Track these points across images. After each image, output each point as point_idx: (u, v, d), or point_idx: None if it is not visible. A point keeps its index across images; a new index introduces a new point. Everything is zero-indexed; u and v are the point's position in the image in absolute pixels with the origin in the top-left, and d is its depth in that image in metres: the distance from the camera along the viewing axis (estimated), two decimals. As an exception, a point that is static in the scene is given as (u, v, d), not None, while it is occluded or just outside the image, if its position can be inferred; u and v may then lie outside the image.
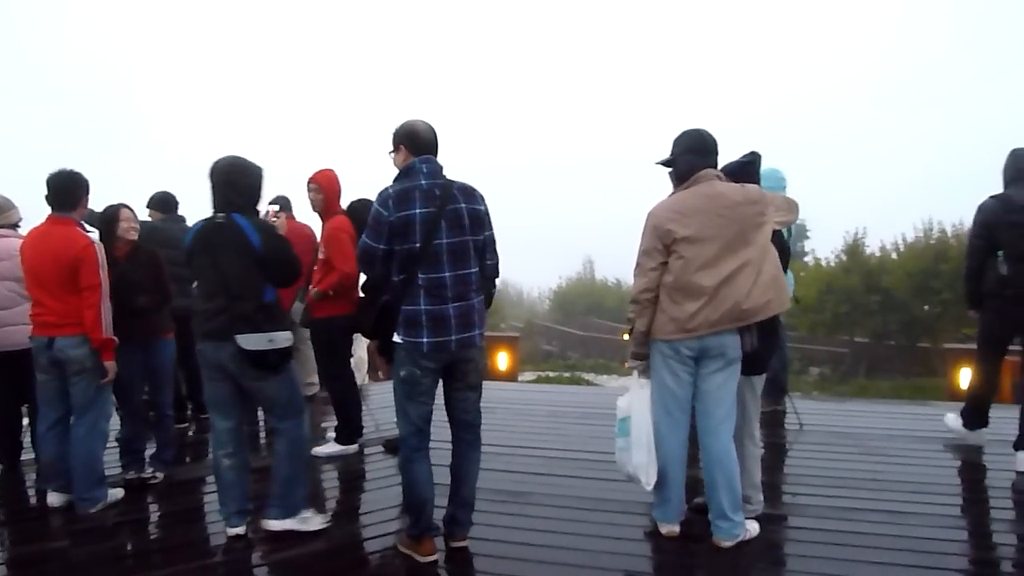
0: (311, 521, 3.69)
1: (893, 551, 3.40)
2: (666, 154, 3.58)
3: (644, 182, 3.62)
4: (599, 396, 6.73)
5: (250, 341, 3.41)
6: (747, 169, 3.63)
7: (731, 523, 3.41)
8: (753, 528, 3.56)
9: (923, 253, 18.96)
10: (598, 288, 39.22)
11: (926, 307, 18.37)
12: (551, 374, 17.20)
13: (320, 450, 5.01)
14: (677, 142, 3.54)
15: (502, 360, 9.46)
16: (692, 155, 3.47)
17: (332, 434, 5.20)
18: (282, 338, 3.52)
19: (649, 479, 3.50)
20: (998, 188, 4.79)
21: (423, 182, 3.21)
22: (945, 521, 3.80)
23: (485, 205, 3.36)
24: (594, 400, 6.59)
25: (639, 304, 3.46)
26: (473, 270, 3.28)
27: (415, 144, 3.29)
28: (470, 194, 3.30)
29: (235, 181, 3.55)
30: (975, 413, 5.06)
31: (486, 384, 3.63)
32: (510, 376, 9.42)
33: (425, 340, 3.17)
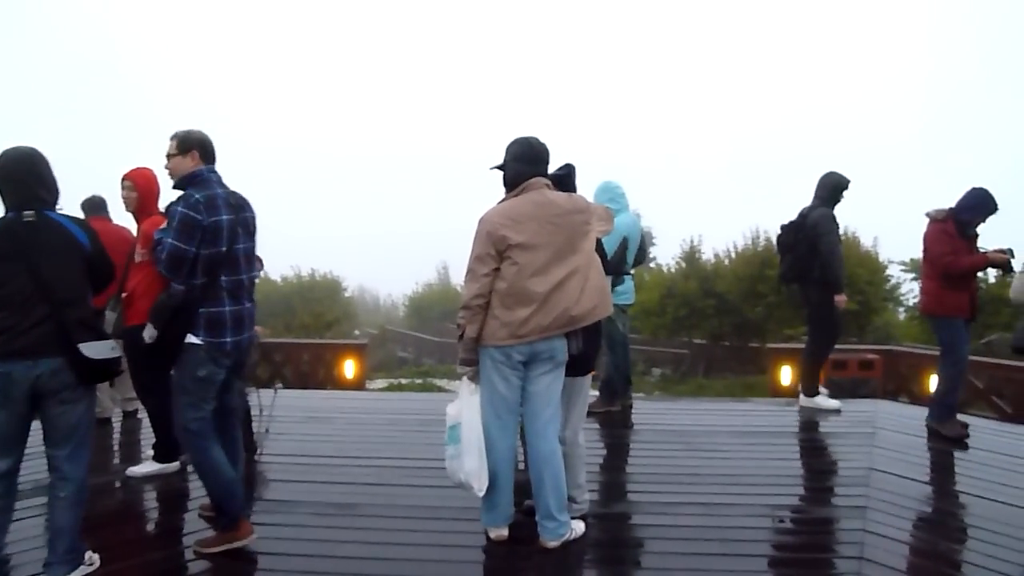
0: (92, 557, 3.26)
1: (706, 541, 3.60)
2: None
3: (498, 187, 3.63)
4: (441, 402, 6.68)
5: (95, 349, 3.07)
6: (564, 182, 3.73)
7: (557, 523, 3.48)
8: (579, 527, 3.64)
9: (751, 260, 20.31)
10: (453, 294, 39.22)
11: (757, 309, 19.69)
12: (403, 381, 17.00)
13: (136, 470, 4.66)
14: (508, 149, 3.59)
15: (348, 368, 9.21)
16: (520, 163, 3.53)
17: (151, 452, 4.85)
18: (118, 347, 3.27)
19: (481, 485, 3.50)
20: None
21: (219, 190, 3.41)
22: (755, 510, 4.04)
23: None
24: (436, 407, 6.49)
25: (470, 310, 3.46)
26: (258, 273, 3.61)
27: (206, 152, 3.49)
28: (249, 204, 3.58)
29: (42, 174, 3.15)
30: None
31: (327, 394, 3.54)
32: (357, 384, 9.19)
33: (228, 340, 3.37)
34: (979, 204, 5.33)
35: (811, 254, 6.01)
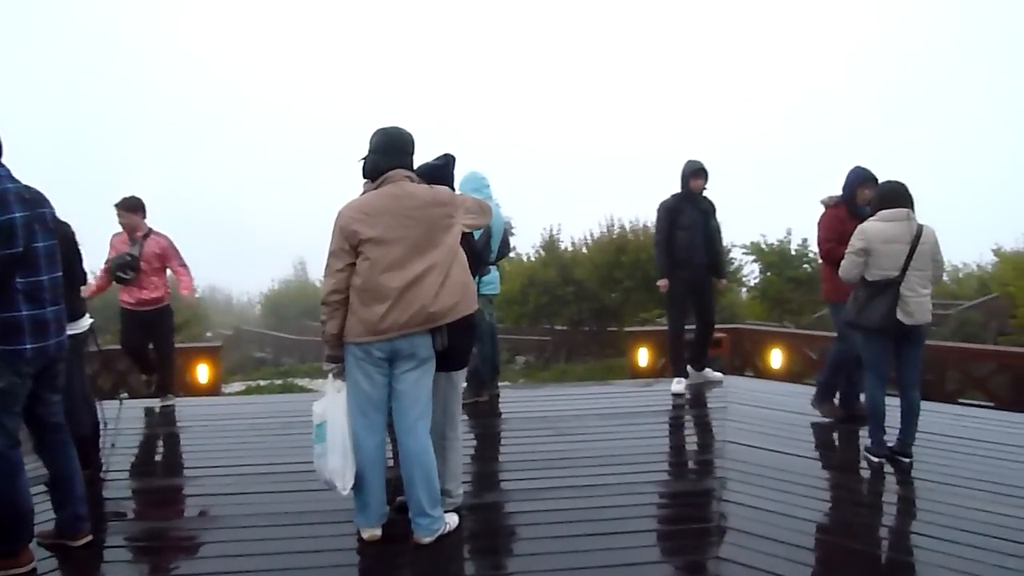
0: None
1: (579, 523, 3.69)
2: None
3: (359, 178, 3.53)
4: (304, 402, 6.49)
5: None
6: (440, 172, 3.68)
7: (430, 519, 3.45)
8: (453, 520, 3.63)
9: (607, 247, 21.06)
10: (312, 290, 38.23)
11: (613, 295, 20.41)
12: (262, 383, 16.38)
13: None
14: (370, 140, 3.49)
15: (202, 373, 8.70)
16: (380, 155, 3.45)
17: None
18: None
19: (345, 483, 3.42)
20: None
21: (10, 185, 3.14)
22: (623, 489, 4.19)
23: None
24: (299, 407, 6.31)
25: (329, 306, 3.37)
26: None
27: None
28: (46, 199, 3.36)
29: None
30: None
31: (180, 401, 3.31)
32: (212, 389, 8.71)
33: (28, 347, 3.13)
34: (851, 179, 5.46)
35: None
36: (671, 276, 6.55)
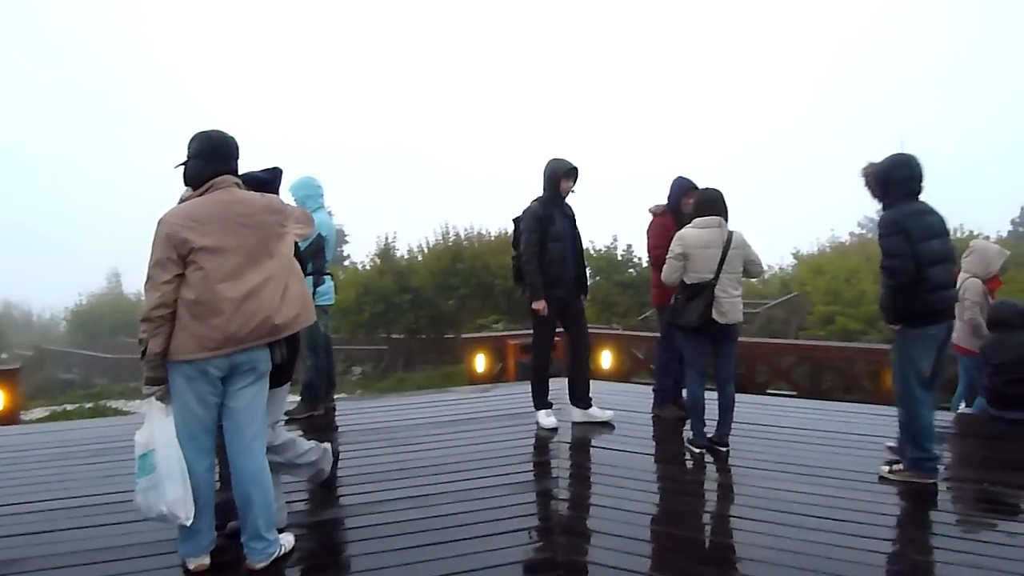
0: None
1: (419, 534, 3.66)
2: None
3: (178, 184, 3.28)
4: (119, 427, 5.99)
5: None
6: (267, 186, 3.53)
7: (266, 542, 3.28)
8: (288, 541, 3.47)
9: (443, 254, 21.16)
10: (127, 304, 35.55)
11: (450, 302, 20.51)
12: (69, 407, 14.96)
13: None
14: (190, 144, 3.28)
15: (-5, 399, 7.81)
16: (203, 160, 3.25)
17: None
18: None
19: (188, 514, 3.14)
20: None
21: None
22: (462, 496, 4.19)
23: None
24: (114, 432, 5.80)
25: (152, 322, 3.07)
26: None
27: None
28: None
29: None
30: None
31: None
32: (9, 417, 7.82)
33: None
34: (676, 188, 5.74)
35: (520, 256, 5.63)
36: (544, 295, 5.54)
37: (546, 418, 5.68)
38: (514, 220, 5.80)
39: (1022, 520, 4.01)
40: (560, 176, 5.59)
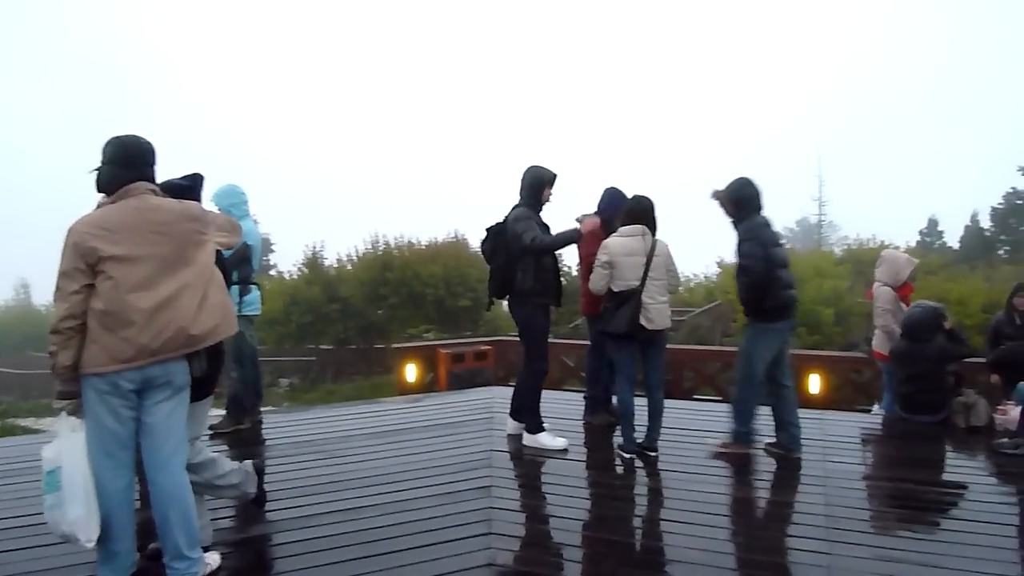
0: None
1: (350, 547, 3.61)
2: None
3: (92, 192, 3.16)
4: (29, 446, 5.69)
5: None
6: (187, 193, 3.43)
7: (189, 562, 3.16)
8: (213, 560, 3.38)
9: (372, 264, 20.95)
10: (37, 316, 33.92)
11: (380, 312, 20.31)
12: (-27, 426, 14.13)
13: None
14: (103, 151, 3.16)
15: None
16: (117, 167, 3.14)
17: None
18: None
19: (90, 535, 3.01)
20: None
21: None
22: (394, 507, 4.15)
23: None
24: (22, 451, 5.51)
25: (61, 334, 2.95)
26: None
27: None
28: None
29: None
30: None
31: None
32: (-96, 438, 7.37)
33: None
34: (611, 202, 5.78)
35: (511, 264, 5.38)
36: (537, 305, 5.44)
37: (554, 439, 5.41)
38: (488, 229, 5.54)
39: (931, 514, 4.23)
40: (546, 183, 5.43)
